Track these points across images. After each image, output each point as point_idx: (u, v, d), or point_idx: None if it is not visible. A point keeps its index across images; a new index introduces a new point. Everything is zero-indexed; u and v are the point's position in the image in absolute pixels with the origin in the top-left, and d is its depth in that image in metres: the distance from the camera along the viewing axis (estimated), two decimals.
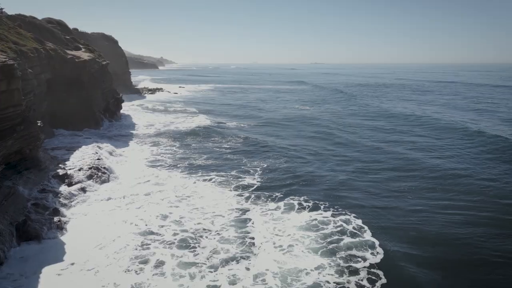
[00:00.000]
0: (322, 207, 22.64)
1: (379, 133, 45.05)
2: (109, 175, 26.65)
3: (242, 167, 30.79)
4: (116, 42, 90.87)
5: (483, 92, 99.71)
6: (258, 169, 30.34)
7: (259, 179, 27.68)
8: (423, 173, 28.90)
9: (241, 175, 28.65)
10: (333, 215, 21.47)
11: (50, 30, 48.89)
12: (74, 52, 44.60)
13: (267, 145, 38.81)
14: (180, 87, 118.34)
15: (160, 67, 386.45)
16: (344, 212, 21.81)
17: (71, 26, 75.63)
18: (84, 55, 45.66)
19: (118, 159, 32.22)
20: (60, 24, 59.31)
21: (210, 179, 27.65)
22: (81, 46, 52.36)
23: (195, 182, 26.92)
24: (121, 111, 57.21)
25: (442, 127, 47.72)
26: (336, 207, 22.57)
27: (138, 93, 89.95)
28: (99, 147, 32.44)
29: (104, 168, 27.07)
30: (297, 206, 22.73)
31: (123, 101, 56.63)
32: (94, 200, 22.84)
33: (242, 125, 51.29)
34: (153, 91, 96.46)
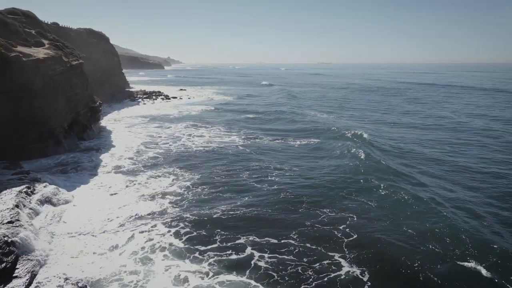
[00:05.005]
0: None
1: None
2: (16, 258, 15.24)
3: (306, 230, 17.29)
4: (107, 39, 79.73)
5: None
6: (345, 246, 16.06)
7: (358, 270, 14.17)
8: None
9: (310, 257, 15.29)
10: None
11: (3, 21, 37.88)
12: (24, 49, 33.45)
13: (349, 186, 24.08)
14: (181, 89, 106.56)
15: (166, 67, 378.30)
16: None
17: (72, 24, 65.39)
18: (40, 52, 34.50)
19: (59, 210, 20.89)
20: (27, 16, 48.44)
21: (242, 265, 14.81)
22: (46, 41, 41.27)
23: (213, 275, 14.42)
24: (101, 124, 46.14)
25: None
26: None
27: (131, 97, 78.36)
28: (29, 192, 21.10)
29: (12, 243, 15.63)
30: None
31: (100, 111, 45.45)
32: None
33: (278, 142, 37.29)
34: (149, 95, 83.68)
